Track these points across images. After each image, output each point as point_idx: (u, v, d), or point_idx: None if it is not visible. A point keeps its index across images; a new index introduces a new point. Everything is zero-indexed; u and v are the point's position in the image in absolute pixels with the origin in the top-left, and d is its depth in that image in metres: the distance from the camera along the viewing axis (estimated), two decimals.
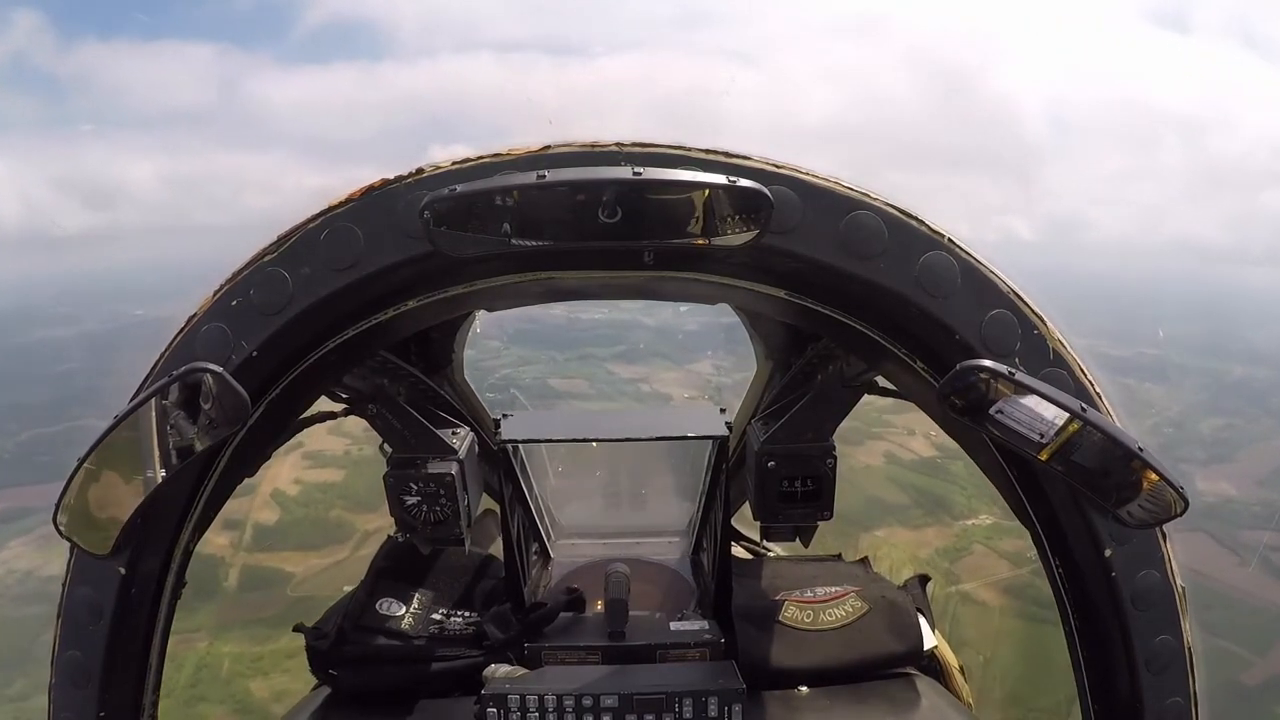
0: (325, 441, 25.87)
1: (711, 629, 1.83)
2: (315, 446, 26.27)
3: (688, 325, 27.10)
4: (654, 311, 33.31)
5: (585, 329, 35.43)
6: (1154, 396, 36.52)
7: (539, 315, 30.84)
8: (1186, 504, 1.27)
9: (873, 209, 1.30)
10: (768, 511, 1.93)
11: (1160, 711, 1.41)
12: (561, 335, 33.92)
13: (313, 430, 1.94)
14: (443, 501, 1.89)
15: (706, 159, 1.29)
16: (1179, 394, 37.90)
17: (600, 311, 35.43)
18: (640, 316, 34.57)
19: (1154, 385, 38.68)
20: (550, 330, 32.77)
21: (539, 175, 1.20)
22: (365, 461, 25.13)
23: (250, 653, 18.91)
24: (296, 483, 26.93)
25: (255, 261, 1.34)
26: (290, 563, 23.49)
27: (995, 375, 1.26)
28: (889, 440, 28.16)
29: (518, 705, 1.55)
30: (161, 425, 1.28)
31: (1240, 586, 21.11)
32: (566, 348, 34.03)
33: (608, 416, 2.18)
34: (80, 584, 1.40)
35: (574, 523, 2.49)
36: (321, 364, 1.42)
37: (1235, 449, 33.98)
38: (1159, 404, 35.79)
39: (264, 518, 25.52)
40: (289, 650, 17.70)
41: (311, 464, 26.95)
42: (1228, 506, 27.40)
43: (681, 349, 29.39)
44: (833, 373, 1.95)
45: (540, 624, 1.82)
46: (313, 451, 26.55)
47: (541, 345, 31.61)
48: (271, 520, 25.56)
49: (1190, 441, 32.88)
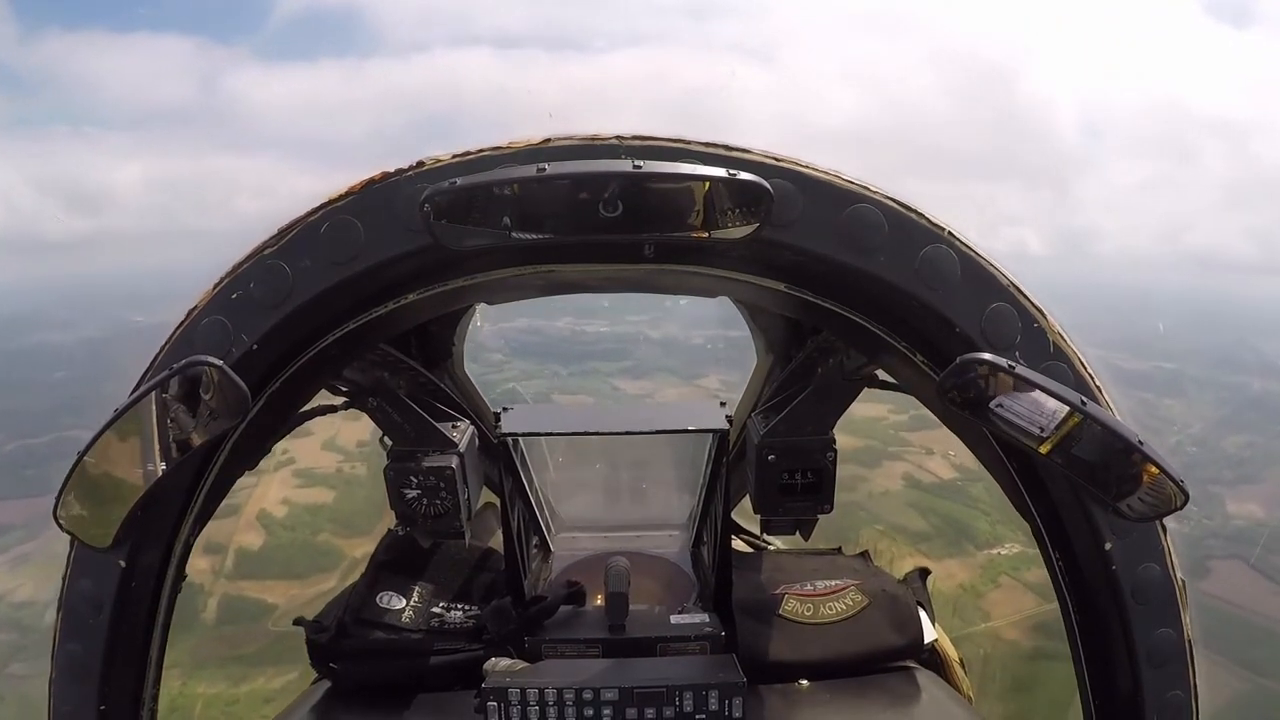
0: (317, 457, 25.00)
1: (712, 622, 1.83)
2: (306, 463, 25.13)
3: (693, 339, 26.21)
4: (659, 324, 31.78)
5: (589, 342, 34.54)
6: (1174, 413, 35.71)
7: (542, 327, 30.10)
8: (1186, 497, 1.28)
9: (873, 202, 1.29)
10: (768, 505, 1.94)
11: (1161, 705, 1.41)
12: (565, 348, 32.98)
13: (304, 445, 1.93)
14: (443, 495, 1.89)
15: (707, 152, 1.28)
16: (1198, 409, 37.31)
17: (604, 324, 34.24)
18: (645, 329, 33.64)
19: (1173, 400, 37.75)
20: (554, 343, 31.94)
21: (539, 168, 1.20)
22: (357, 481, 22.86)
23: (226, 694, 18.20)
24: (284, 503, 25.57)
25: (255, 255, 1.33)
26: (273, 593, 22.35)
27: (995, 368, 1.26)
28: (907, 460, 27.17)
29: (518, 698, 1.55)
30: (162, 419, 1.28)
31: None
32: (571, 361, 33.03)
33: (608, 410, 2.18)
34: (80, 577, 1.40)
35: (574, 516, 2.49)
36: (321, 357, 1.42)
37: (1261, 468, 33.15)
38: (1180, 420, 34.40)
39: (248, 541, 24.20)
40: (266, 694, 16.95)
41: (302, 483, 25.69)
42: (1259, 530, 26.62)
43: (688, 363, 28.52)
44: (833, 366, 1.95)
45: (540, 617, 1.83)
46: (303, 469, 25.37)
47: (545, 358, 30.57)
48: (256, 545, 24.28)
49: (1216, 461, 32.10)
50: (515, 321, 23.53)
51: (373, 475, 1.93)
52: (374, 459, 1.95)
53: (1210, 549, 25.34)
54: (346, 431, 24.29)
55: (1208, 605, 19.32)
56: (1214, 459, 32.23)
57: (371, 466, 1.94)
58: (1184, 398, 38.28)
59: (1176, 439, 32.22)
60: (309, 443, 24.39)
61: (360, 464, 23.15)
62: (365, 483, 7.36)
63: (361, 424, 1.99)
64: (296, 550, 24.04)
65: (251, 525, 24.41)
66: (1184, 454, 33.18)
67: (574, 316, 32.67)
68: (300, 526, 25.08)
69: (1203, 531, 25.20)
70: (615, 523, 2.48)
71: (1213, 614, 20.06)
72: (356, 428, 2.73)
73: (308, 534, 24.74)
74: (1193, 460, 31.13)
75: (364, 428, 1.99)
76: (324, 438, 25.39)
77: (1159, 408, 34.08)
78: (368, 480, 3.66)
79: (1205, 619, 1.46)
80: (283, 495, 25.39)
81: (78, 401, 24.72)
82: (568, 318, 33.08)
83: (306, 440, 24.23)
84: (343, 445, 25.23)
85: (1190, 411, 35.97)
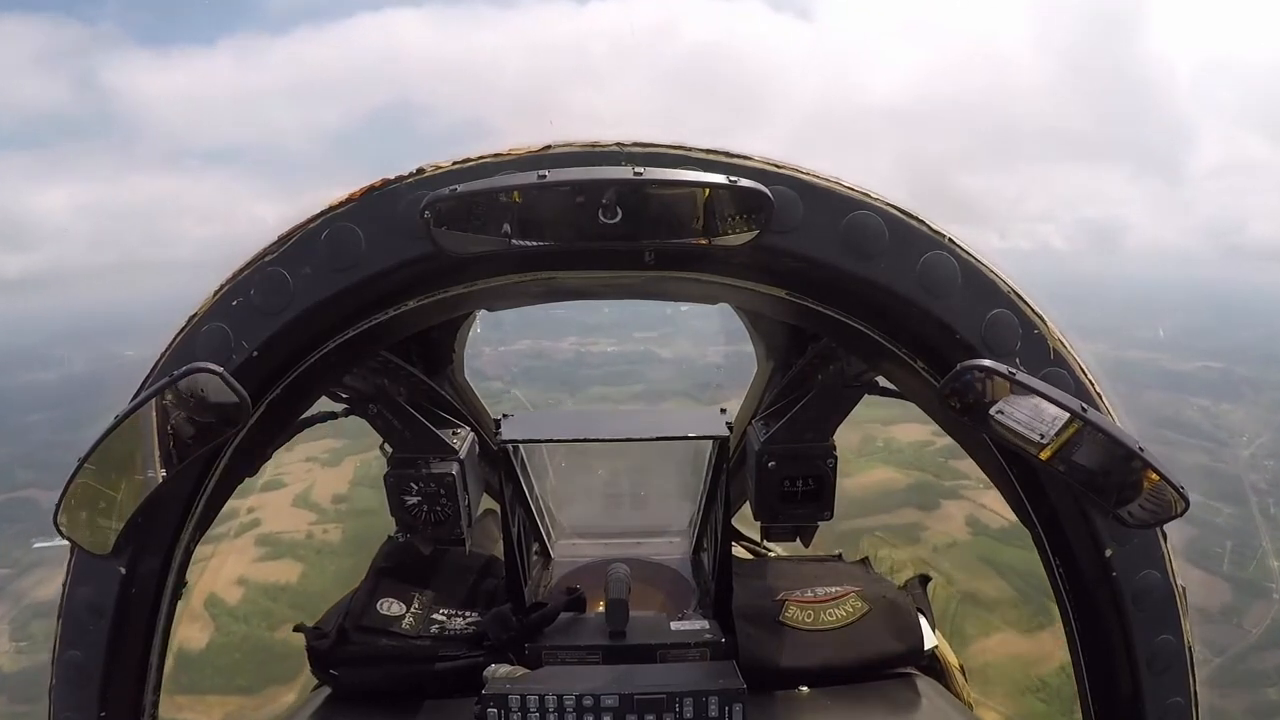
0: (286, 518, 21.25)
1: (712, 629, 1.83)
2: (274, 525, 21.55)
3: (707, 356, 23.17)
4: (670, 341, 29.89)
5: (596, 365, 32.88)
6: (1234, 420, 33.43)
7: (546, 349, 28.64)
8: (1187, 503, 1.28)
9: (873, 209, 1.30)
10: (768, 511, 1.93)
11: (1161, 712, 1.41)
12: (570, 372, 31.21)
13: (274, 502, 1.88)
14: (443, 501, 1.89)
15: (707, 159, 1.29)
16: (1258, 414, 35.44)
17: (610, 343, 32.61)
18: (654, 347, 32.13)
19: (1230, 405, 35.63)
20: (557, 367, 30.42)
21: (540, 175, 1.21)
22: (330, 550, 19.45)
23: None
24: (240, 583, 21.46)
25: (255, 261, 1.34)
26: (212, 715, 18.47)
27: (996, 375, 1.26)
28: (966, 498, 24.77)
29: (518, 705, 1.55)
30: (162, 425, 1.28)
31: None
32: (576, 387, 30.73)
33: (608, 417, 2.18)
34: (81, 584, 1.40)
35: (575, 523, 2.49)
36: (322, 364, 1.42)
37: None
38: (1246, 429, 32.21)
39: (189, 638, 20.28)
40: None
41: (265, 553, 21.73)
42: None
43: (703, 387, 24.95)
44: (833, 373, 1.95)
45: (541, 624, 1.82)
46: (269, 534, 21.69)
47: (549, 384, 28.11)
48: (200, 643, 20.41)
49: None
50: (516, 344, 22.04)
51: (348, 541, 1.88)
52: (349, 519, 1.89)
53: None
54: (324, 483, 21.66)
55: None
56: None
57: (347, 529, 1.88)
58: (1241, 401, 35.98)
59: (1250, 451, 30.21)
60: (280, 498, 21.48)
61: (335, 527, 20.08)
62: (339, 551, 6.76)
63: (340, 475, 1.94)
64: (248, 653, 19.94)
65: (198, 615, 20.63)
66: (1262, 468, 31.24)
67: (578, 335, 31.30)
68: (255, 618, 21.11)
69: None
70: (616, 529, 2.48)
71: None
72: (334, 477, 2.46)
73: (263, 628, 20.66)
74: (1277, 474, 29.14)
75: (342, 479, 1.94)
76: (297, 491, 22.46)
77: (1219, 415, 31.93)
78: (342, 548, 3.43)
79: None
80: (240, 571, 21.69)
81: (43, 450, 22.02)
82: (572, 337, 31.66)
83: (277, 495, 21.51)
84: (317, 501, 22.26)
85: (1250, 417, 33.82)
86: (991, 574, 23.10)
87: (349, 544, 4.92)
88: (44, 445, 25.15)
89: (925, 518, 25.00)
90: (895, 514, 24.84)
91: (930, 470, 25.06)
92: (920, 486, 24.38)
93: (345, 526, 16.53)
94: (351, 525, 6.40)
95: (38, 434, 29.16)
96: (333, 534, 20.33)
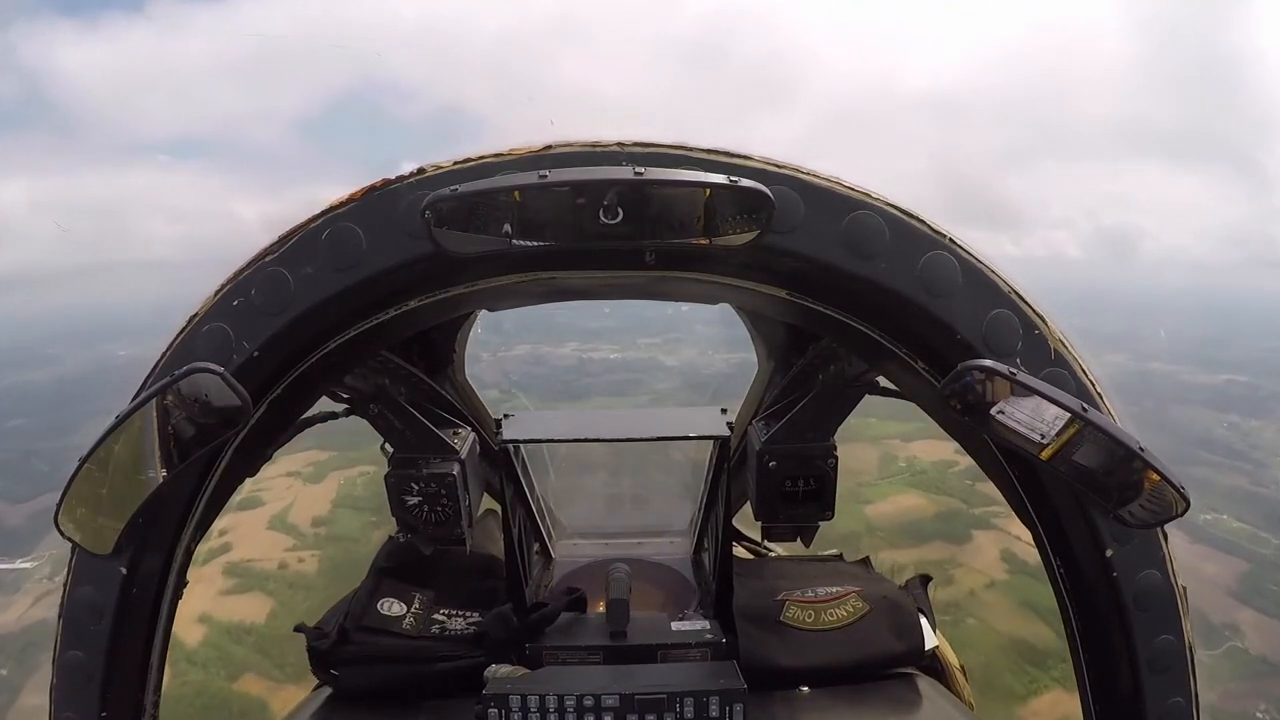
0: (260, 543, 19.57)
1: (713, 629, 1.83)
2: (245, 551, 19.66)
3: (715, 364, 22.80)
4: (674, 348, 29.19)
5: (598, 373, 32.03)
6: (1266, 437, 31.44)
7: (546, 355, 28.08)
8: (1187, 503, 1.28)
9: (874, 209, 1.30)
10: (769, 511, 1.93)
11: (1162, 712, 1.41)
12: (571, 381, 30.23)
13: (249, 522, 1.84)
14: (444, 501, 1.89)
15: (708, 159, 1.29)
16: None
17: (613, 350, 31.82)
18: (659, 354, 31.26)
19: (1257, 421, 34.03)
20: (558, 374, 29.69)
21: (540, 175, 1.21)
22: (304, 583, 17.75)
23: None
24: (203, 621, 19.23)
25: (256, 261, 1.34)
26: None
27: (996, 375, 1.26)
28: (997, 527, 22.62)
29: (519, 705, 1.55)
30: (162, 425, 1.29)
31: None
32: (579, 396, 29.52)
33: (609, 417, 2.18)
34: (81, 584, 1.40)
35: (575, 523, 2.49)
36: (323, 364, 1.42)
37: None
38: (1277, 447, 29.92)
39: None
40: None
41: (233, 585, 19.67)
42: None
43: (713, 396, 24.20)
44: (834, 373, 1.96)
45: (541, 624, 1.82)
46: (239, 562, 19.74)
47: (549, 394, 27.59)
48: None
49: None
50: (515, 350, 21.35)
51: (323, 573, 1.83)
52: (328, 546, 1.85)
53: None
54: (304, 502, 20.09)
55: None
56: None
57: (324, 558, 1.83)
58: (1268, 416, 34.39)
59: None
60: (255, 518, 19.68)
61: (311, 555, 18.44)
62: (315, 584, 6.15)
63: (322, 493, 1.90)
64: (203, 708, 17.91)
65: None
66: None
67: (579, 341, 30.61)
68: (215, 664, 18.89)
69: None
70: (616, 529, 2.48)
71: None
72: (316, 496, 2.28)
73: (223, 678, 18.64)
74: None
75: (324, 498, 1.89)
76: (275, 511, 20.85)
77: (1247, 431, 30.33)
78: (318, 580, 3.24)
79: None
80: (203, 607, 19.49)
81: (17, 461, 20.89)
82: (573, 343, 30.95)
83: (253, 515, 19.80)
84: (295, 524, 20.61)
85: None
86: (1033, 620, 20.21)
87: (324, 576, 4.66)
88: (18, 456, 23.80)
89: (958, 552, 23.08)
90: (926, 547, 23.40)
91: (957, 495, 23.65)
92: (948, 515, 23.09)
93: (323, 554, 15.42)
94: (330, 553, 6.07)
95: (17, 440, 28.28)
96: (309, 564, 18.93)
